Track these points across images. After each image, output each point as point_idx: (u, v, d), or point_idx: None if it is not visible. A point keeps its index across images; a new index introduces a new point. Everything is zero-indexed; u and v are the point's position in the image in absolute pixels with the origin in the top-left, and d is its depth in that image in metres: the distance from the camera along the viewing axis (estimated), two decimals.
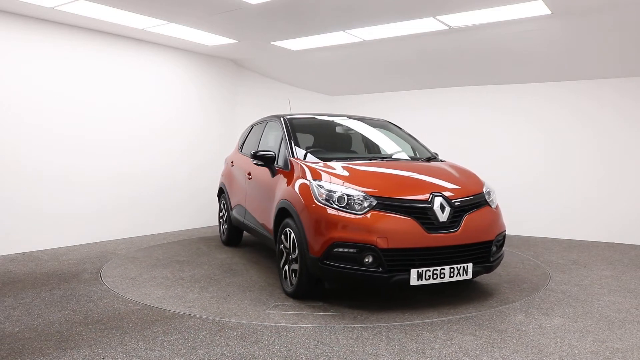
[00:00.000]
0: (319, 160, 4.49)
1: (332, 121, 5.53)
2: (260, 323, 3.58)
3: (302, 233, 3.96)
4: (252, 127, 6.33)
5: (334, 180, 4.01)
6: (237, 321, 3.60)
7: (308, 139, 5.14)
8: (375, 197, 3.80)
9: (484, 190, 4.28)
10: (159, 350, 3.07)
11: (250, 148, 5.92)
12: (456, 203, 3.94)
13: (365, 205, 3.77)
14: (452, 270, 3.80)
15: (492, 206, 4.23)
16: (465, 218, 3.92)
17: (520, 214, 7.61)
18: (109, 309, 3.87)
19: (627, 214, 6.83)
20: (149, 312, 3.79)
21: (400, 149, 5.24)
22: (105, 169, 6.72)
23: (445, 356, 3.01)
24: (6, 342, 3.19)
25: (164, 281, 4.77)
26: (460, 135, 8.15)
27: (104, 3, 5.37)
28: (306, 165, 4.33)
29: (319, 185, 3.98)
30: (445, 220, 3.83)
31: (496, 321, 3.64)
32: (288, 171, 4.51)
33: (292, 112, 5.72)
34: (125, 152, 6.95)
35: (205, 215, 8.10)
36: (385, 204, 3.78)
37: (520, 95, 7.66)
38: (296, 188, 4.20)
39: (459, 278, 3.84)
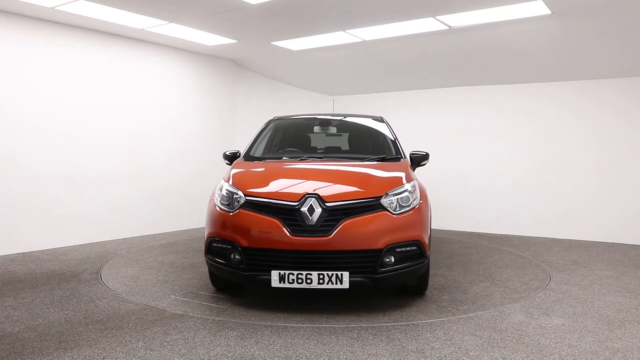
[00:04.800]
0: (254, 161, 4.66)
1: (313, 120, 5.46)
2: (158, 306, 3.73)
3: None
4: None
5: (228, 178, 4.17)
6: (139, 301, 3.62)
7: (288, 139, 5.26)
8: (247, 196, 3.86)
9: (390, 192, 3.83)
10: (159, 350, 3.07)
11: None
12: (330, 206, 3.66)
13: (240, 204, 3.86)
14: (320, 276, 3.58)
15: (394, 212, 3.76)
16: (343, 223, 3.63)
17: (520, 214, 7.61)
18: (109, 309, 3.87)
19: (627, 213, 6.83)
20: (149, 312, 3.79)
21: (360, 149, 5.09)
22: (105, 169, 6.71)
23: (445, 356, 3.01)
24: (6, 342, 3.19)
25: (153, 264, 5.11)
26: (460, 135, 8.15)
27: (104, 3, 5.37)
28: (234, 165, 4.55)
29: (222, 184, 4.16)
30: (314, 223, 3.63)
31: (496, 321, 3.64)
32: None
33: (335, 112, 5.70)
34: (125, 152, 6.95)
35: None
36: (254, 203, 3.81)
37: (520, 95, 7.66)
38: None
39: (331, 286, 3.59)
